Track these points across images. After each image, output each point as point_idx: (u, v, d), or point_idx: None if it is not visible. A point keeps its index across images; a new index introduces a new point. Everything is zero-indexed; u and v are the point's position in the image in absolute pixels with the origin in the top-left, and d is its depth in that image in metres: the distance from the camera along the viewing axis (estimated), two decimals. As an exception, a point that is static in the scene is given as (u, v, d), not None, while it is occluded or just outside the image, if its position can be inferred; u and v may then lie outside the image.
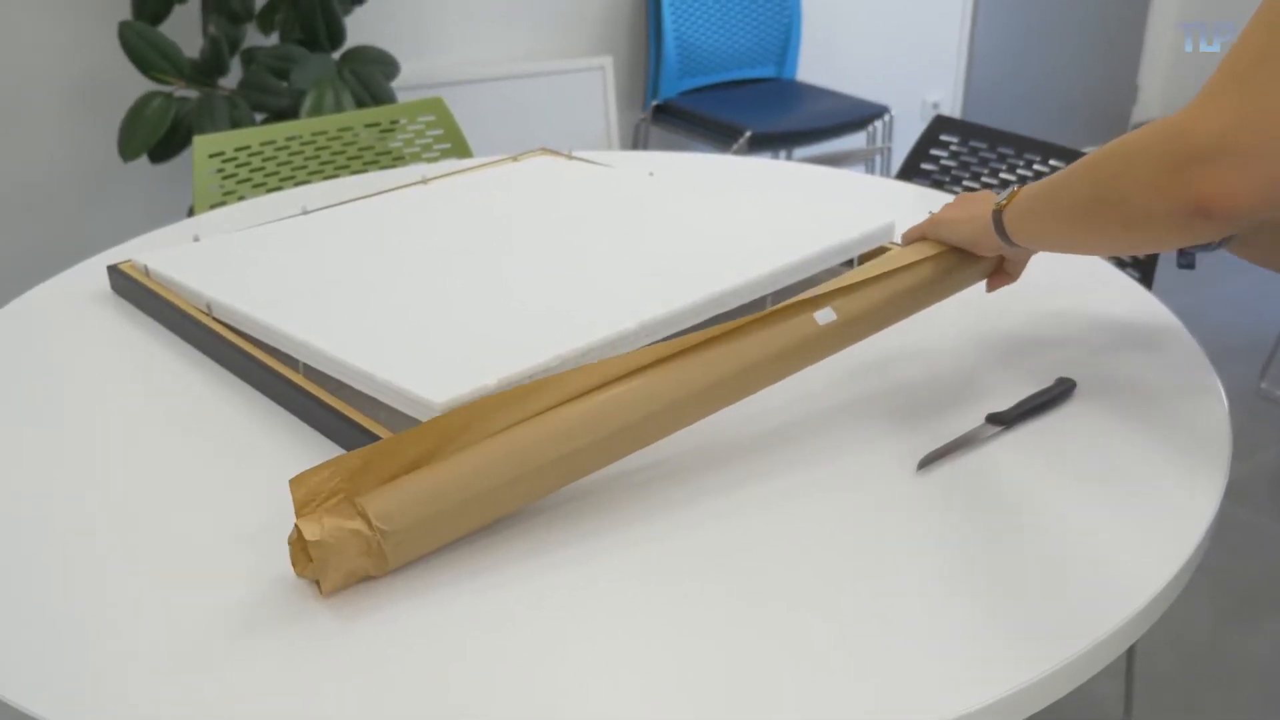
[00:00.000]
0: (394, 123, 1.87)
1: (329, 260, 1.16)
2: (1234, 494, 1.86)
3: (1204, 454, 0.87)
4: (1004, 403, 0.94)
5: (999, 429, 0.91)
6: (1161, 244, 0.75)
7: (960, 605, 0.72)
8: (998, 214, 0.91)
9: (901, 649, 0.68)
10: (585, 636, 0.70)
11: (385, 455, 0.74)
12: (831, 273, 1.16)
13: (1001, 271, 1.03)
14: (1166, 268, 1.44)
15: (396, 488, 0.73)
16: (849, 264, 1.18)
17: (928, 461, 0.86)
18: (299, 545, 0.73)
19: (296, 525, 0.72)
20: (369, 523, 0.71)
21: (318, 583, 0.73)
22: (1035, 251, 0.99)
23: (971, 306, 1.12)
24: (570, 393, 0.80)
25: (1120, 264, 1.48)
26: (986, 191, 0.98)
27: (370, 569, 0.73)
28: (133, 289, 1.18)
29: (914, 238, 1.03)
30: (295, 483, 0.73)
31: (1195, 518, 0.80)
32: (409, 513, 0.72)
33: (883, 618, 0.71)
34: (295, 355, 0.98)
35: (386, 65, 2.36)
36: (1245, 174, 0.64)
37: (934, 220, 1.00)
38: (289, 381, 0.96)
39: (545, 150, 1.60)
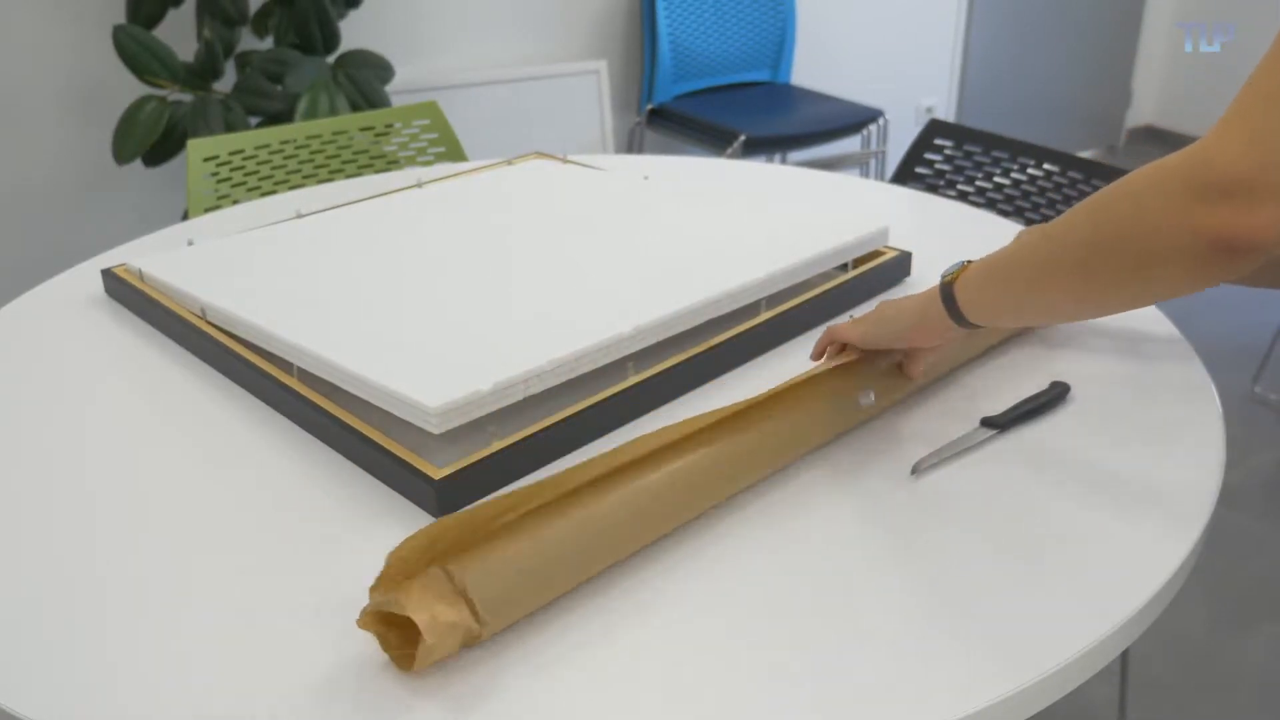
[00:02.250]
0: (388, 126, 1.87)
1: (323, 264, 1.16)
2: (1228, 498, 1.87)
3: (1198, 458, 0.88)
4: (998, 406, 0.94)
5: (993, 433, 0.91)
6: (1169, 288, 0.66)
7: (954, 609, 0.72)
8: (947, 287, 0.80)
9: (895, 653, 0.68)
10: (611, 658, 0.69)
11: (466, 527, 0.70)
12: (826, 277, 1.16)
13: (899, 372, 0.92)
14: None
15: (493, 568, 0.69)
16: (844, 268, 1.18)
17: (922, 466, 0.86)
18: (392, 644, 0.68)
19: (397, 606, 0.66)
20: (473, 610, 0.67)
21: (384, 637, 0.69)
22: (942, 344, 0.90)
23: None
24: (643, 452, 0.77)
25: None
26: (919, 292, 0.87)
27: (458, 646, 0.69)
28: (127, 293, 1.17)
29: (828, 344, 0.91)
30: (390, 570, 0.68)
31: (1189, 522, 0.80)
32: (509, 596, 0.69)
33: (877, 622, 0.71)
34: (289, 359, 0.98)
35: (381, 69, 2.35)
36: (1267, 205, 0.59)
37: (862, 325, 0.87)
38: (283, 385, 0.96)
39: (540, 154, 1.60)
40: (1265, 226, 0.59)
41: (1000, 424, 0.91)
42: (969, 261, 0.80)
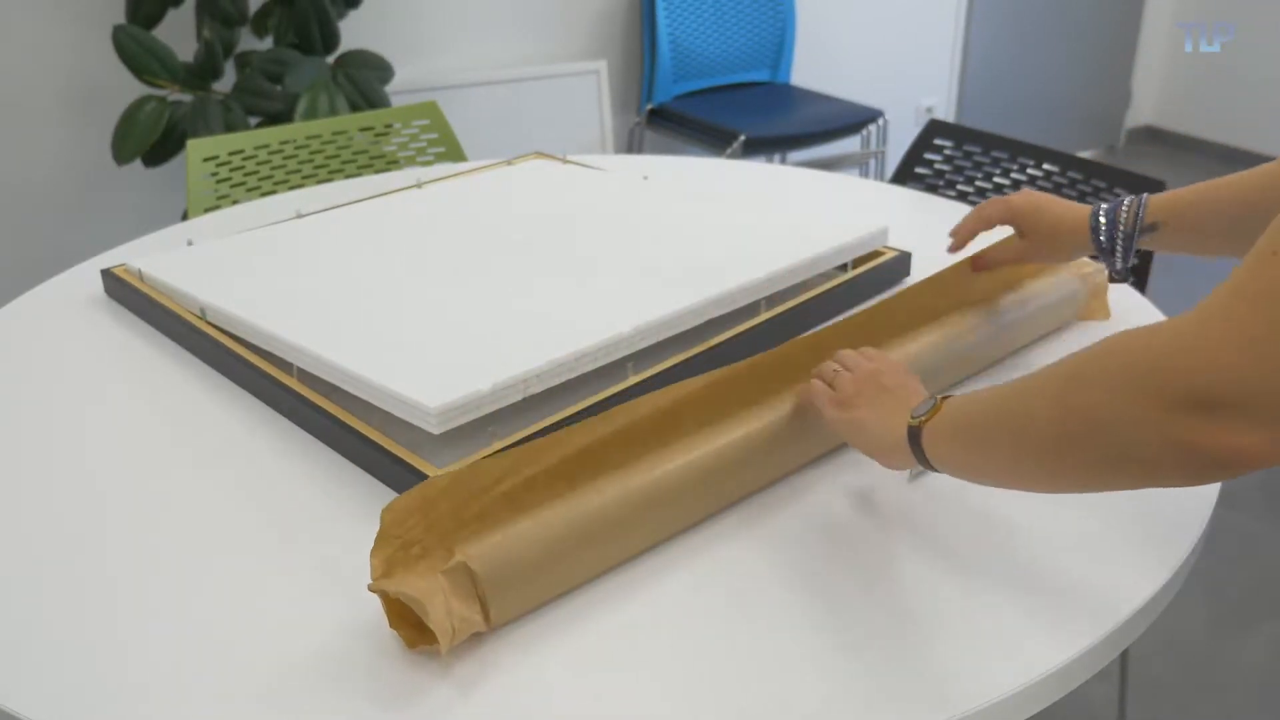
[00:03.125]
0: (388, 126, 1.87)
1: (323, 264, 1.16)
2: (1227, 499, 1.87)
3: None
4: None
5: None
6: (1153, 484, 0.58)
7: (954, 610, 0.72)
8: (915, 432, 0.72)
9: (895, 655, 0.68)
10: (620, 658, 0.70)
11: (463, 488, 0.70)
12: (826, 277, 1.16)
13: None
14: (1160, 273, 1.44)
15: (511, 572, 0.70)
16: (843, 268, 1.18)
17: (919, 473, 0.86)
18: (399, 614, 0.69)
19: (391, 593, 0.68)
20: (485, 613, 0.68)
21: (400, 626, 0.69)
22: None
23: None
24: (641, 413, 0.77)
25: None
26: (911, 383, 0.80)
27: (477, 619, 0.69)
28: (127, 293, 1.17)
29: (806, 399, 0.85)
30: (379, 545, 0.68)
31: (1188, 523, 0.80)
32: (520, 599, 0.71)
33: (877, 624, 0.71)
34: (289, 359, 0.98)
35: (381, 69, 2.35)
36: (1266, 427, 0.51)
37: (844, 416, 0.80)
38: (283, 385, 0.96)
39: (540, 154, 1.60)
40: (1258, 447, 0.52)
41: None
42: (943, 399, 0.72)
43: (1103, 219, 0.95)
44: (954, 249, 1.07)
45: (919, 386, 0.79)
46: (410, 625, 0.69)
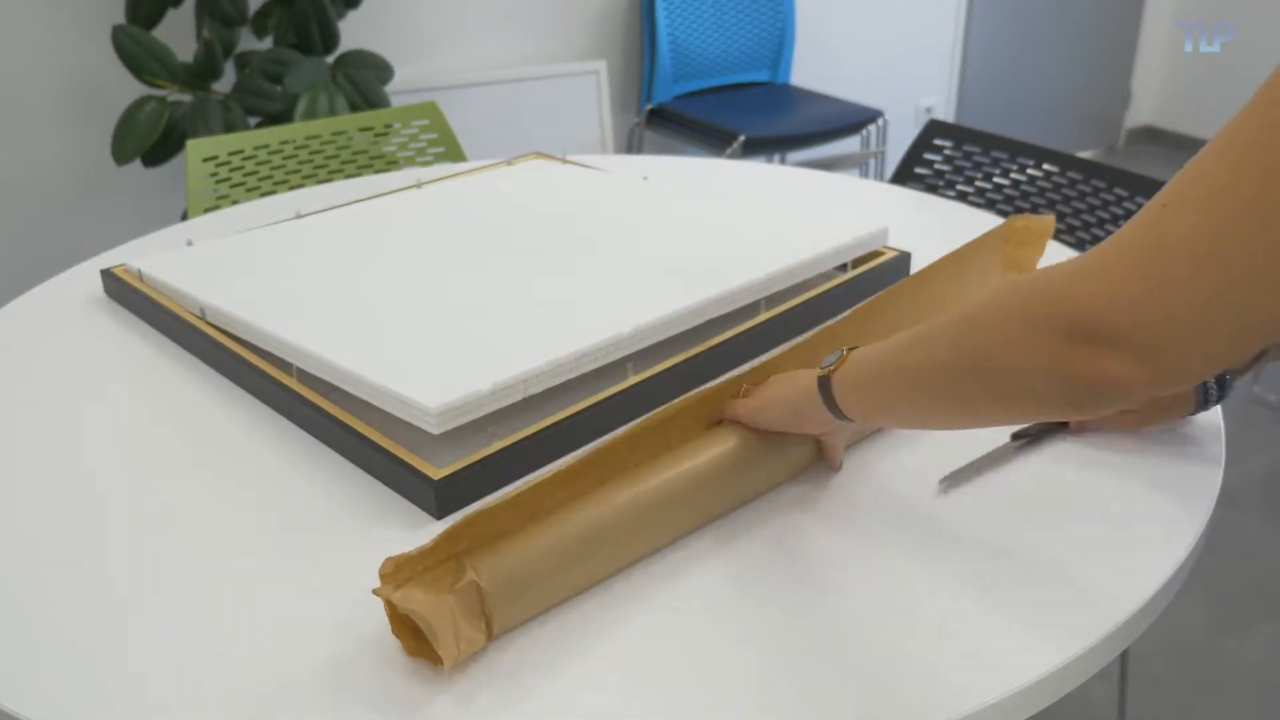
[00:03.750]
0: (388, 127, 1.87)
1: (323, 264, 1.16)
2: (1227, 499, 1.87)
3: (1197, 459, 0.88)
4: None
5: (1023, 442, 0.90)
6: (1040, 417, 0.63)
7: (953, 611, 0.72)
8: (824, 381, 0.75)
9: (894, 656, 0.68)
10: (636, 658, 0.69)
11: (476, 530, 0.70)
12: (825, 277, 1.16)
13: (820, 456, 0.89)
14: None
15: (517, 589, 0.70)
16: (843, 268, 1.18)
17: (952, 481, 0.85)
18: (401, 621, 0.69)
19: (389, 600, 0.67)
20: (489, 630, 0.68)
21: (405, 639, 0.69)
22: (856, 434, 0.89)
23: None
24: (645, 456, 0.78)
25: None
26: (805, 370, 0.82)
27: (478, 633, 0.69)
28: (126, 293, 1.17)
29: (724, 419, 0.86)
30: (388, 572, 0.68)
31: (1189, 523, 0.80)
32: (522, 612, 0.70)
33: (876, 626, 0.71)
34: (289, 359, 0.98)
35: (380, 69, 2.35)
36: (1144, 364, 0.55)
37: (753, 402, 0.83)
38: (283, 386, 0.96)
39: (539, 154, 1.60)
40: (1136, 379, 0.55)
41: (1030, 434, 0.91)
42: (848, 351, 0.75)
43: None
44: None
45: (812, 369, 0.81)
46: (411, 633, 0.69)
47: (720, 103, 2.98)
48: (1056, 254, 1.29)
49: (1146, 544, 0.78)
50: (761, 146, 2.77)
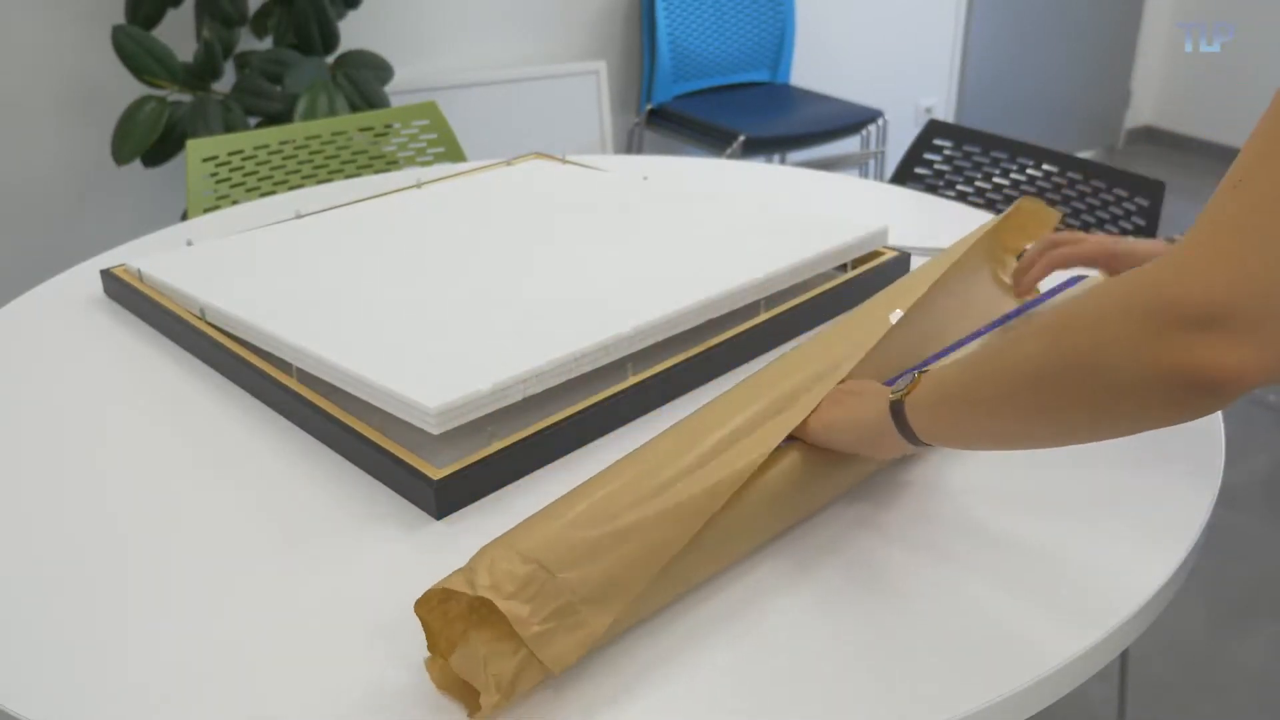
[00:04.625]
0: (388, 127, 1.87)
1: (323, 264, 1.16)
2: (1227, 499, 1.87)
3: (1197, 459, 0.88)
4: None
5: None
6: (1145, 422, 0.58)
7: (954, 610, 0.72)
8: (898, 407, 0.71)
9: (894, 656, 0.68)
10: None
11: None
12: (825, 277, 1.16)
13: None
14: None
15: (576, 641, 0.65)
16: (843, 268, 1.18)
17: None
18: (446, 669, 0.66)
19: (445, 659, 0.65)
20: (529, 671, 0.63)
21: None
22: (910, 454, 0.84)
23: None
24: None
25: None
26: (873, 384, 0.79)
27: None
28: (126, 293, 1.17)
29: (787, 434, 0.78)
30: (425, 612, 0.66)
31: (1188, 522, 0.80)
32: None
33: (875, 626, 0.71)
34: (289, 360, 0.98)
35: (380, 69, 2.35)
36: (1252, 343, 0.51)
37: (816, 425, 0.78)
38: (282, 386, 0.96)
39: (539, 154, 1.60)
40: (1245, 363, 0.52)
41: None
42: (921, 372, 0.71)
43: None
44: (1022, 291, 1.00)
45: (882, 386, 0.76)
46: (444, 665, 0.66)
47: (720, 103, 2.98)
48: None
49: (1146, 544, 0.78)
50: (761, 146, 2.77)
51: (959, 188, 1.72)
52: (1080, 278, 1.01)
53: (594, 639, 0.64)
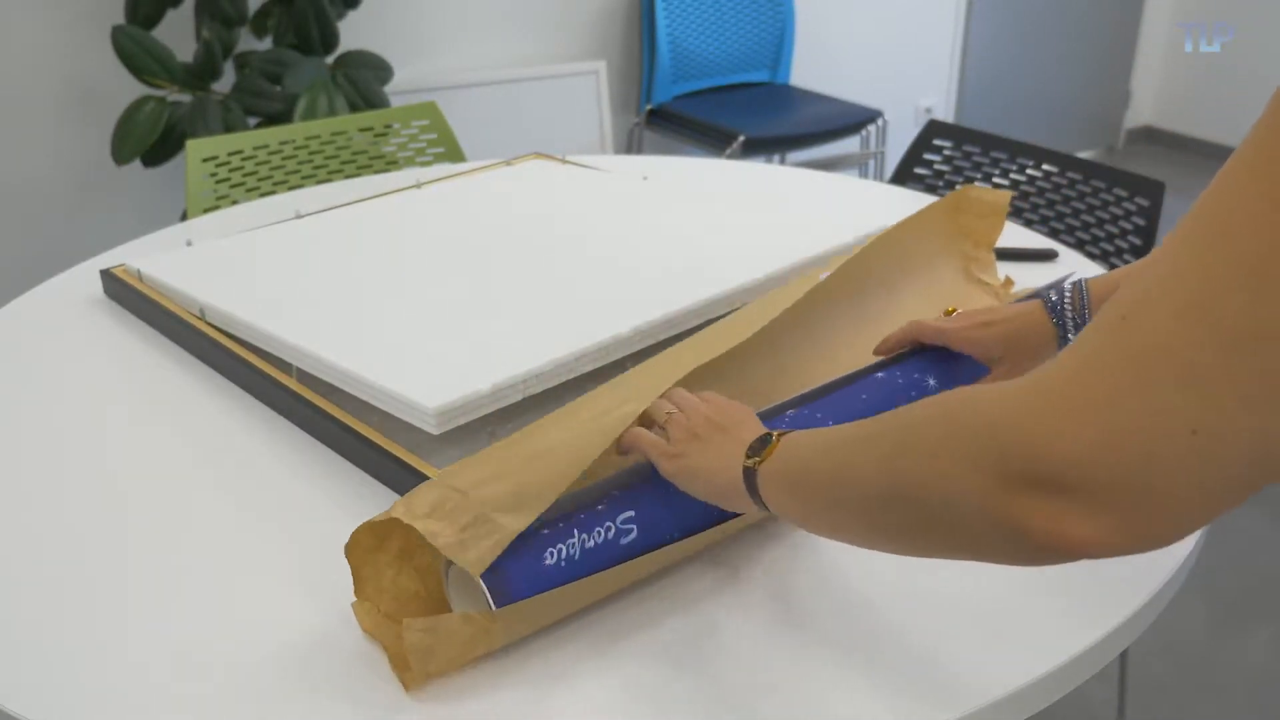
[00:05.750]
0: (387, 127, 1.87)
1: (322, 264, 1.16)
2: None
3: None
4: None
5: None
6: (986, 560, 0.51)
7: (954, 610, 0.72)
8: (750, 475, 0.65)
9: (894, 656, 0.68)
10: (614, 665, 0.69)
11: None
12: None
13: None
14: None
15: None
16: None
17: None
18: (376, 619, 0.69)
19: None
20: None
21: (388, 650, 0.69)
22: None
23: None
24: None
25: (1113, 266, 1.47)
26: (748, 421, 0.72)
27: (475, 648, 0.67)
28: (126, 293, 1.17)
29: (630, 445, 0.75)
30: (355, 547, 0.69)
31: (1188, 522, 0.80)
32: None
33: (876, 626, 0.71)
34: (289, 360, 0.98)
35: (380, 69, 2.35)
36: (1115, 514, 0.44)
37: (673, 463, 0.71)
38: (282, 386, 0.96)
39: (539, 154, 1.60)
40: (1104, 537, 0.44)
41: None
42: (779, 436, 0.65)
43: (1067, 309, 0.83)
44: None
45: (757, 423, 0.71)
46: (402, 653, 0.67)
47: (720, 103, 2.98)
48: (1055, 254, 1.30)
49: (1146, 544, 0.77)
50: (761, 147, 2.77)
51: (959, 188, 1.72)
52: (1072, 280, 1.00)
53: (509, 538, 0.66)
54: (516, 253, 1.17)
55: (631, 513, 0.71)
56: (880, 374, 0.87)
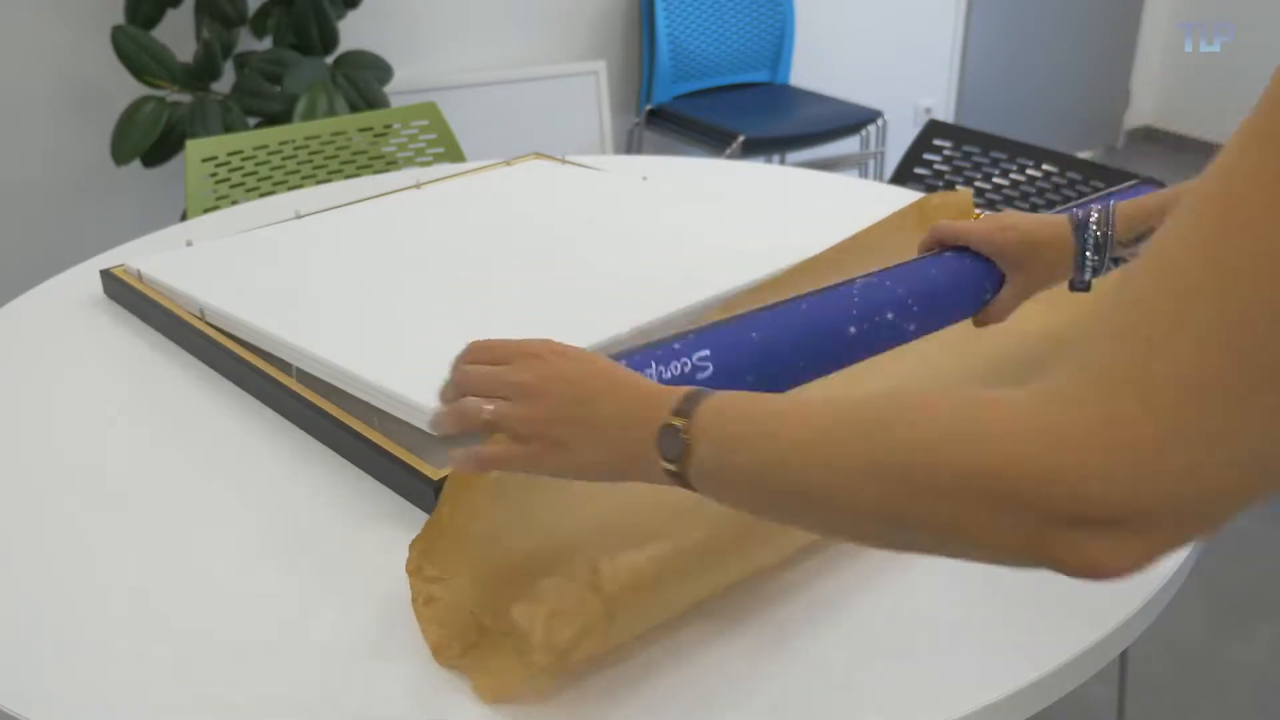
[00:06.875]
0: (387, 127, 1.87)
1: (322, 265, 1.16)
2: (1227, 498, 1.86)
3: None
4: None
5: None
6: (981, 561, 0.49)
7: (954, 611, 0.72)
8: (671, 430, 0.56)
9: (895, 656, 0.68)
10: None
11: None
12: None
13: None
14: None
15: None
16: (842, 269, 1.18)
17: None
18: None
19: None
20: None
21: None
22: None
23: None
24: None
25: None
26: (597, 374, 0.61)
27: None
28: (126, 293, 1.17)
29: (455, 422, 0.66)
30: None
31: (1188, 522, 0.80)
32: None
33: (876, 626, 0.71)
34: (288, 360, 0.98)
35: (380, 69, 2.35)
36: (1131, 539, 0.44)
37: (519, 453, 0.62)
38: (282, 386, 0.95)
39: (539, 155, 1.60)
40: (1140, 556, 0.44)
41: None
42: (701, 392, 0.56)
43: (1092, 227, 0.85)
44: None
45: (621, 376, 0.60)
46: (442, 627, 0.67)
47: (719, 103, 2.98)
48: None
49: (1146, 544, 0.78)
50: (761, 147, 2.77)
51: (959, 188, 1.72)
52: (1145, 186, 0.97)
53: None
54: (516, 253, 1.17)
55: (707, 351, 0.71)
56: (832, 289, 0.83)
